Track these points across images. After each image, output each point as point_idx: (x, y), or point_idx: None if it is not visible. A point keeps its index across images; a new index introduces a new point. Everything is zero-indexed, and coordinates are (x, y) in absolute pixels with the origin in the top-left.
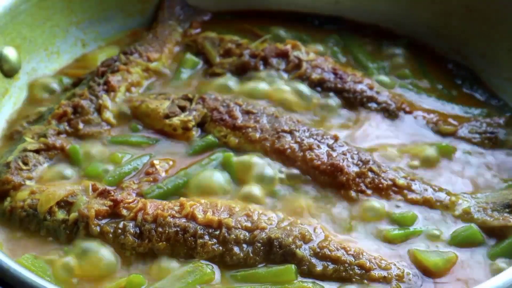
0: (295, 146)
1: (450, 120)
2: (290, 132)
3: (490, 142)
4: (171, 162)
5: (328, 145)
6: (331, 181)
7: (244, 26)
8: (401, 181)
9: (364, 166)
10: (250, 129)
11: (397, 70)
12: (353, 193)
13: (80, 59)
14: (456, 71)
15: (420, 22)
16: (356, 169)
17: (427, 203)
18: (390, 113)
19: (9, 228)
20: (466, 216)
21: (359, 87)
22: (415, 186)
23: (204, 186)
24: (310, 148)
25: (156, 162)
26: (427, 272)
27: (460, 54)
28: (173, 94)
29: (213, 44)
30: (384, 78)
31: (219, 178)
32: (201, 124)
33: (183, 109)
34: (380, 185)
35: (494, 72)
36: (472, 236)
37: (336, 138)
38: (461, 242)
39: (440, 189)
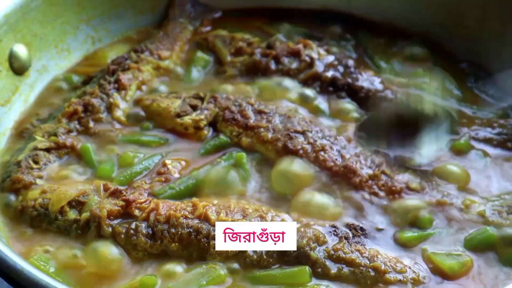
0: (308, 147)
1: (464, 120)
2: (303, 133)
3: (505, 144)
4: (183, 162)
5: (341, 147)
6: (344, 183)
7: (255, 23)
8: (414, 184)
9: (377, 169)
10: (262, 129)
11: (411, 69)
12: (366, 195)
13: (90, 57)
14: (470, 70)
15: (433, 21)
16: (369, 171)
17: (441, 206)
18: None
19: (19, 227)
20: (480, 219)
21: (373, 86)
22: (429, 189)
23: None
24: (323, 149)
25: (168, 162)
26: (443, 275)
27: (474, 54)
28: (184, 93)
29: (224, 43)
30: (397, 77)
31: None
32: (213, 124)
33: (194, 108)
34: (393, 188)
35: (509, 72)
36: (487, 239)
37: (349, 140)
38: (476, 245)
39: (454, 192)
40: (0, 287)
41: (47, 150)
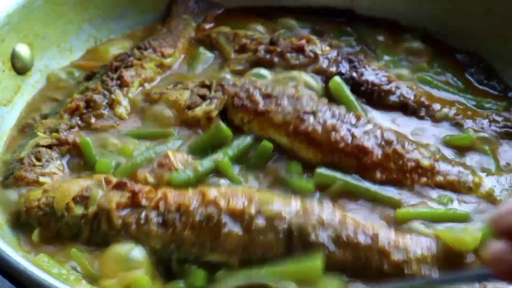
0: (319, 128)
1: (469, 113)
2: (313, 113)
3: (509, 136)
4: (185, 155)
5: (351, 125)
6: (356, 163)
7: (257, 20)
8: (426, 163)
9: (388, 147)
10: (272, 113)
11: (414, 63)
12: (378, 175)
13: (92, 51)
14: (472, 65)
15: (436, 21)
16: (380, 150)
17: (451, 186)
18: (409, 107)
19: (26, 228)
20: (488, 198)
21: (378, 80)
22: (439, 167)
23: None
24: (334, 130)
25: (170, 153)
26: (454, 255)
27: (477, 53)
28: (190, 83)
29: (228, 40)
30: (401, 71)
31: None
32: (223, 112)
33: (203, 98)
34: (405, 167)
35: (510, 72)
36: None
37: (358, 117)
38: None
39: (466, 167)
40: (2, 287)
41: (49, 146)
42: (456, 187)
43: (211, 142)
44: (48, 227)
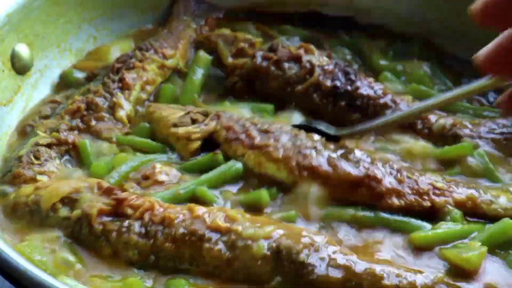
0: (323, 161)
1: (466, 123)
2: (315, 148)
3: (509, 143)
4: (174, 170)
5: (355, 156)
6: (369, 193)
7: (257, 25)
8: (440, 184)
9: (398, 174)
10: (271, 147)
11: (411, 73)
12: (395, 201)
13: (93, 51)
14: (470, 73)
15: (435, 24)
16: (392, 178)
17: (471, 200)
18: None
19: (15, 222)
20: (505, 212)
21: (373, 93)
22: (454, 186)
23: None
24: (343, 159)
25: (157, 165)
26: (459, 272)
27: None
28: (193, 108)
29: (226, 43)
30: (397, 80)
31: None
32: (208, 141)
33: (194, 121)
34: (421, 190)
35: None
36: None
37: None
38: (495, 238)
39: (478, 187)
40: (2, 287)
41: (48, 146)
42: (476, 204)
43: (205, 166)
44: (32, 223)
